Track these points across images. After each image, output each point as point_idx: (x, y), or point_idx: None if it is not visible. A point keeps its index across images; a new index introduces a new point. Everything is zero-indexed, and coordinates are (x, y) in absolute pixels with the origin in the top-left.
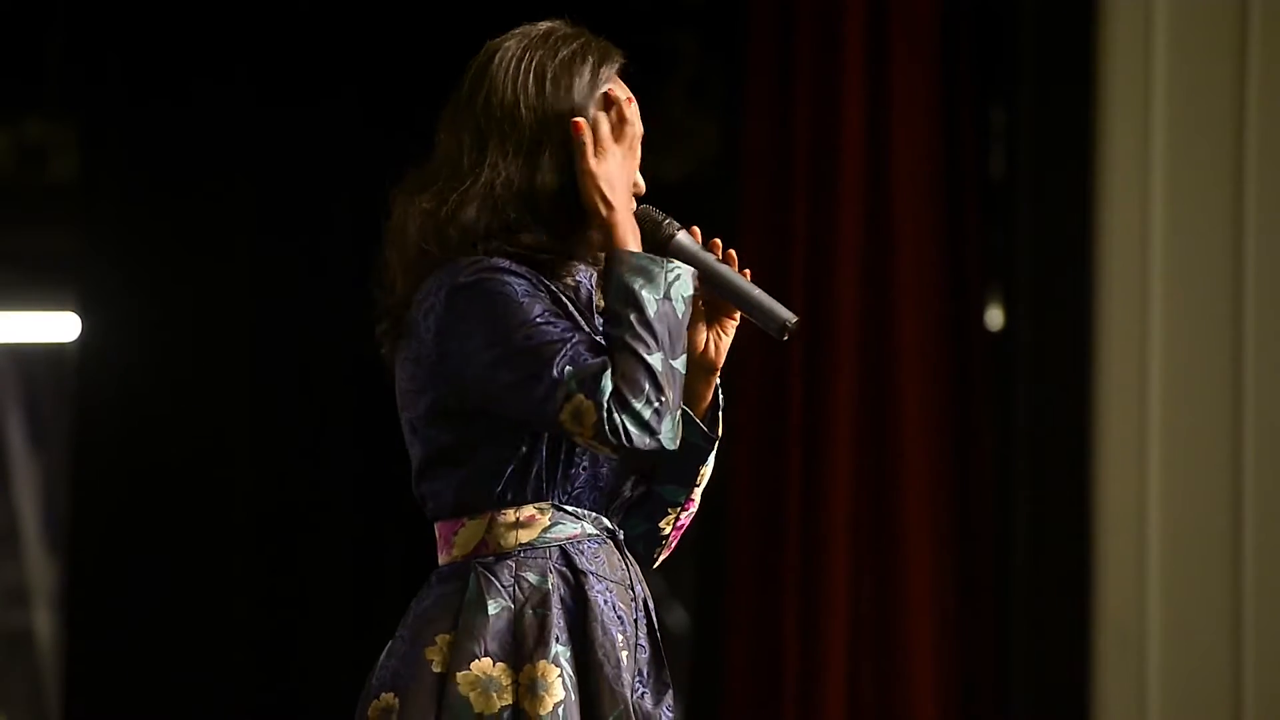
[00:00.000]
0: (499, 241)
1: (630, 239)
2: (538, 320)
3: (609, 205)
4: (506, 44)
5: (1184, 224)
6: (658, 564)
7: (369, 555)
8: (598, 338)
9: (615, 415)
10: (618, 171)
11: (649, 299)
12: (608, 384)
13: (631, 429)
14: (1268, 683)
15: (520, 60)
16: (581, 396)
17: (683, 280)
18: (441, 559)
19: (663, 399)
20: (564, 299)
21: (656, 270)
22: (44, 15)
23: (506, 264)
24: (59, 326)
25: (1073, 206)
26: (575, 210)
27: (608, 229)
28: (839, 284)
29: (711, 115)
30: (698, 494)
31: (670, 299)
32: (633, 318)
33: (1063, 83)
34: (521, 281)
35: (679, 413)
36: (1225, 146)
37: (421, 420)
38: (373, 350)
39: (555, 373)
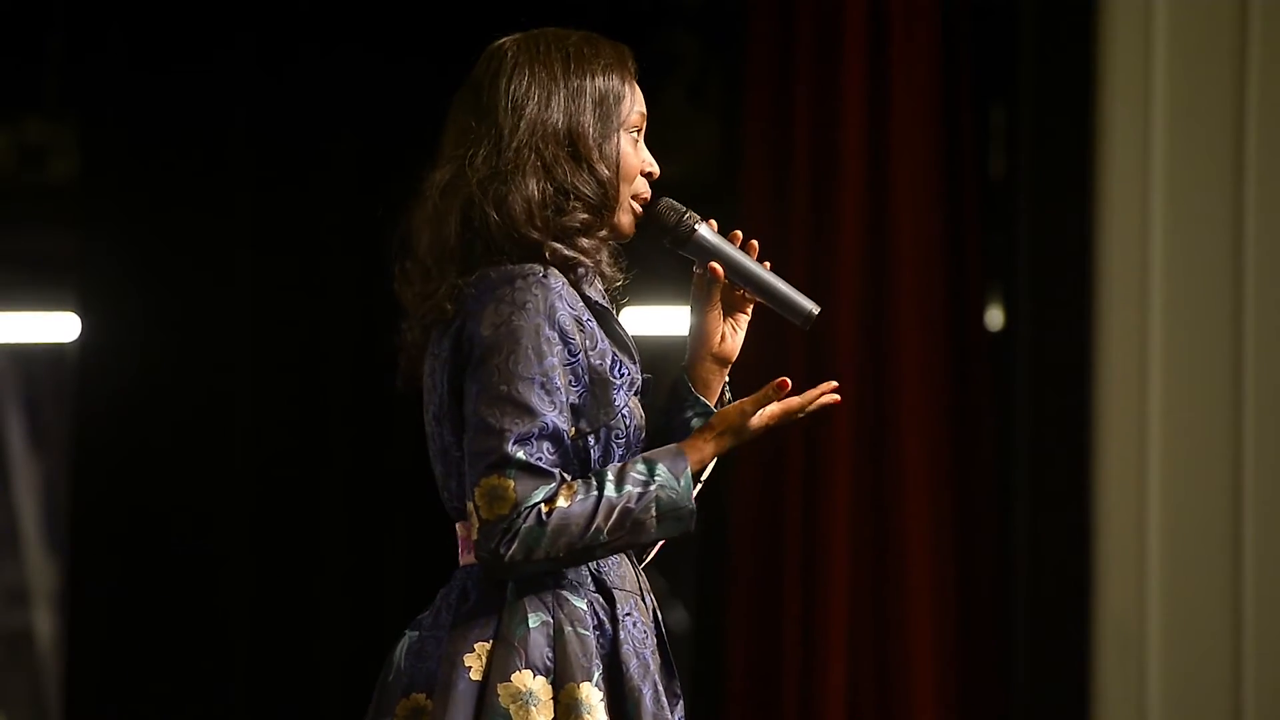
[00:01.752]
0: (555, 217)
1: (696, 458)
2: (540, 382)
3: (720, 442)
4: (522, 37)
5: (1184, 224)
6: (645, 563)
7: (369, 555)
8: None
9: (516, 521)
10: (748, 431)
11: (645, 502)
12: (540, 495)
13: (516, 546)
14: (1268, 683)
15: (548, 44)
16: (512, 484)
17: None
18: (468, 558)
19: (555, 557)
20: (608, 326)
21: (684, 503)
22: (44, 15)
23: (559, 286)
24: (59, 326)
25: (1073, 206)
26: (614, 173)
27: (703, 441)
28: (839, 284)
29: (711, 115)
30: (696, 490)
31: (659, 519)
32: (646, 494)
33: (1063, 83)
34: (559, 311)
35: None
36: (1225, 147)
37: (450, 414)
38: (373, 349)
39: (510, 446)
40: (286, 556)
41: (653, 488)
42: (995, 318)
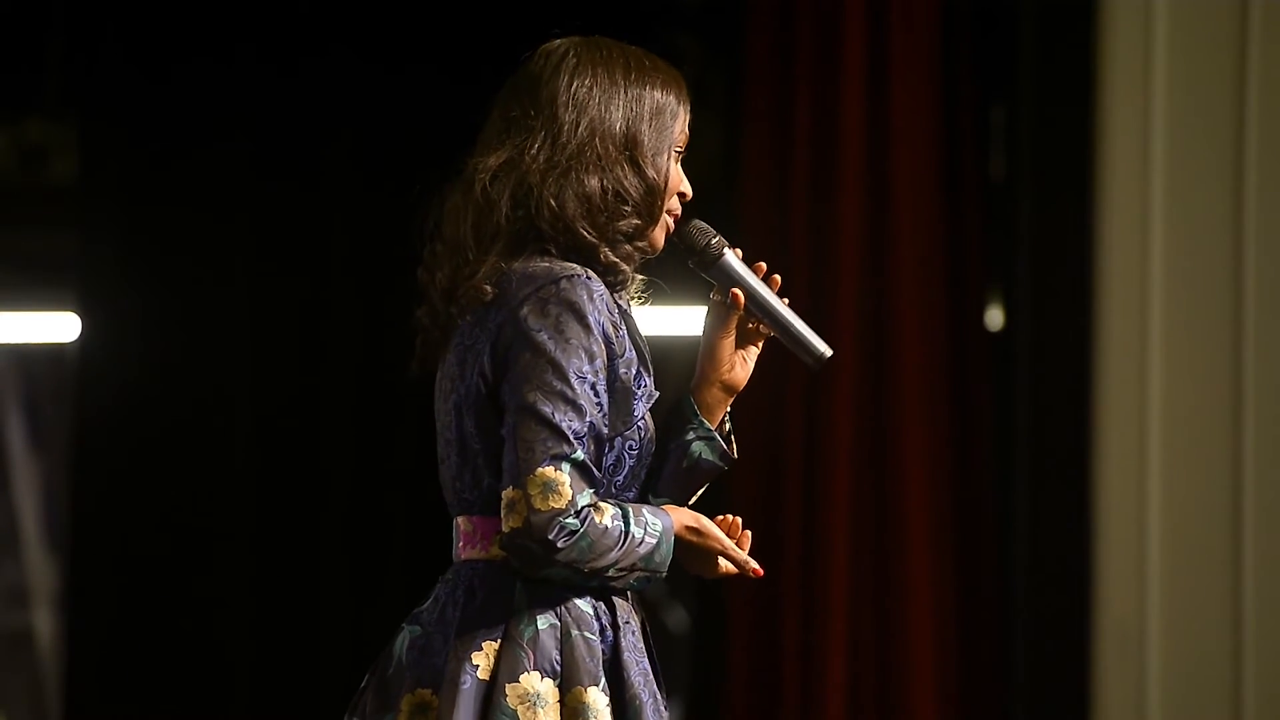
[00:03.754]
0: (608, 222)
1: (678, 534)
2: (590, 383)
3: (694, 547)
4: (582, 40)
5: (1184, 224)
6: None
7: (369, 555)
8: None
9: (571, 520)
10: (708, 566)
11: (645, 553)
12: (588, 498)
13: (571, 544)
14: (1268, 683)
15: (609, 49)
16: (566, 480)
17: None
18: (471, 553)
19: (580, 569)
20: (633, 335)
21: (661, 569)
22: (43, 15)
23: (602, 289)
24: (59, 326)
25: (1073, 206)
26: (663, 184)
27: (689, 533)
28: (839, 284)
29: (711, 115)
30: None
31: (640, 573)
32: (645, 543)
33: (1063, 83)
34: (603, 314)
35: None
36: (1225, 146)
37: (473, 402)
38: (373, 349)
39: (567, 441)
40: (287, 556)
41: (653, 543)
42: (995, 318)
